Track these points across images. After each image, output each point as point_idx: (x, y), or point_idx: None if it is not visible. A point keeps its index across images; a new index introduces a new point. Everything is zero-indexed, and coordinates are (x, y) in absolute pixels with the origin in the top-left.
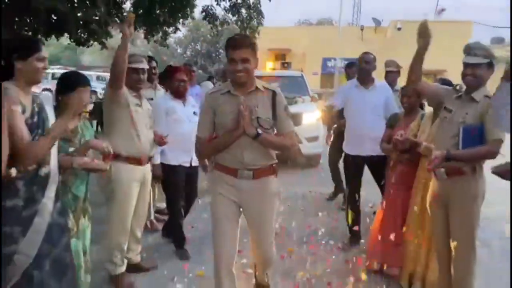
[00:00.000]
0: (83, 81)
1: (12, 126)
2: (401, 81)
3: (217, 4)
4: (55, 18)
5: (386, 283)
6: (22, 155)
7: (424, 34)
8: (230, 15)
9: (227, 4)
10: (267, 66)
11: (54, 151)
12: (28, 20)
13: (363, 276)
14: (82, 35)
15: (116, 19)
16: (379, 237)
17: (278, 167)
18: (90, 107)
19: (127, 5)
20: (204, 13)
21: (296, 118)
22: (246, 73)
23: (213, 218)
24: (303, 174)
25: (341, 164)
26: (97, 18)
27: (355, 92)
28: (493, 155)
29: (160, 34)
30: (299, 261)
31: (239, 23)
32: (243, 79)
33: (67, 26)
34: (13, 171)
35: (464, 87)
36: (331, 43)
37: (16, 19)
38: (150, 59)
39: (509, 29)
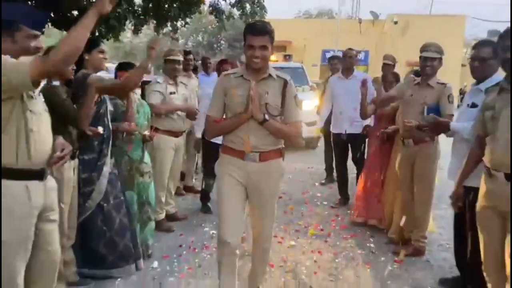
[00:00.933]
0: (131, 67)
1: (102, 82)
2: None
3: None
4: (77, 14)
5: (366, 229)
6: (123, 88)
7: None
8: (235, 9)
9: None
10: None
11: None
12: (53, 15)
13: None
14: (102, 29)
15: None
16: (362, 197)
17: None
18: None
19: None
20: (211, 8)
21: None
22: (263, 60)
23: (219, 197)
24: (303, 154)
25: None
26: (117, 14)
27: (337, 82)
28: None
29: (170, 27)
30: (298, 215)
31: (243, 17)
32: (259, 65)
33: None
34: (100, 129)
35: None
36: (330, 36)
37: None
38: (187, 53)
39: (504, 23)
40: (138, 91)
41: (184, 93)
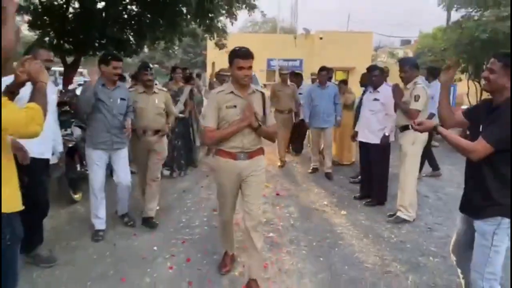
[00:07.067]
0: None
1: None
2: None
3: (199, 27)
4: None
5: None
6: None
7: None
8: (206, 34)
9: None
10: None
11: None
12: (103, 42)
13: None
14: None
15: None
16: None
17: None
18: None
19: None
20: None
21: None
22: (250, 77)
23: (218, 190)
24: None
25: None
26: (134, 41)
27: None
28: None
29: (163, 45)
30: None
31: (212, 38)
32: (248, 81)
33: (124, 46)
34: None
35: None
36: (273, 47)
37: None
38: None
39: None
40: None
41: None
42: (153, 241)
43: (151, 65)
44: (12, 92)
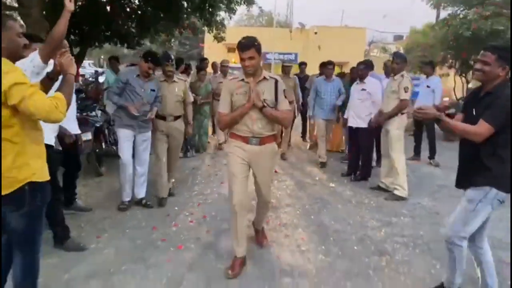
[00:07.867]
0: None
1: None
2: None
3: (198, 21)
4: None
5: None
6: None
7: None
8: (205, 27)
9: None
10: (231, 61)
11: None
12: (107, 34)
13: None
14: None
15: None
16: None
17: None
18: None
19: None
20: (189, 28)
21: None
22: (253, 67)
23: (229, 171)
24: None
25: None
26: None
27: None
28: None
29: (162, 38)
30: None
31: (210, 32)
32: (251, 71)
33: (127, 39)
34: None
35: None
36: (269, 40)
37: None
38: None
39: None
40: None
41: None
42: (174, 203)
43: (172, 56)
44: (51, 78)
